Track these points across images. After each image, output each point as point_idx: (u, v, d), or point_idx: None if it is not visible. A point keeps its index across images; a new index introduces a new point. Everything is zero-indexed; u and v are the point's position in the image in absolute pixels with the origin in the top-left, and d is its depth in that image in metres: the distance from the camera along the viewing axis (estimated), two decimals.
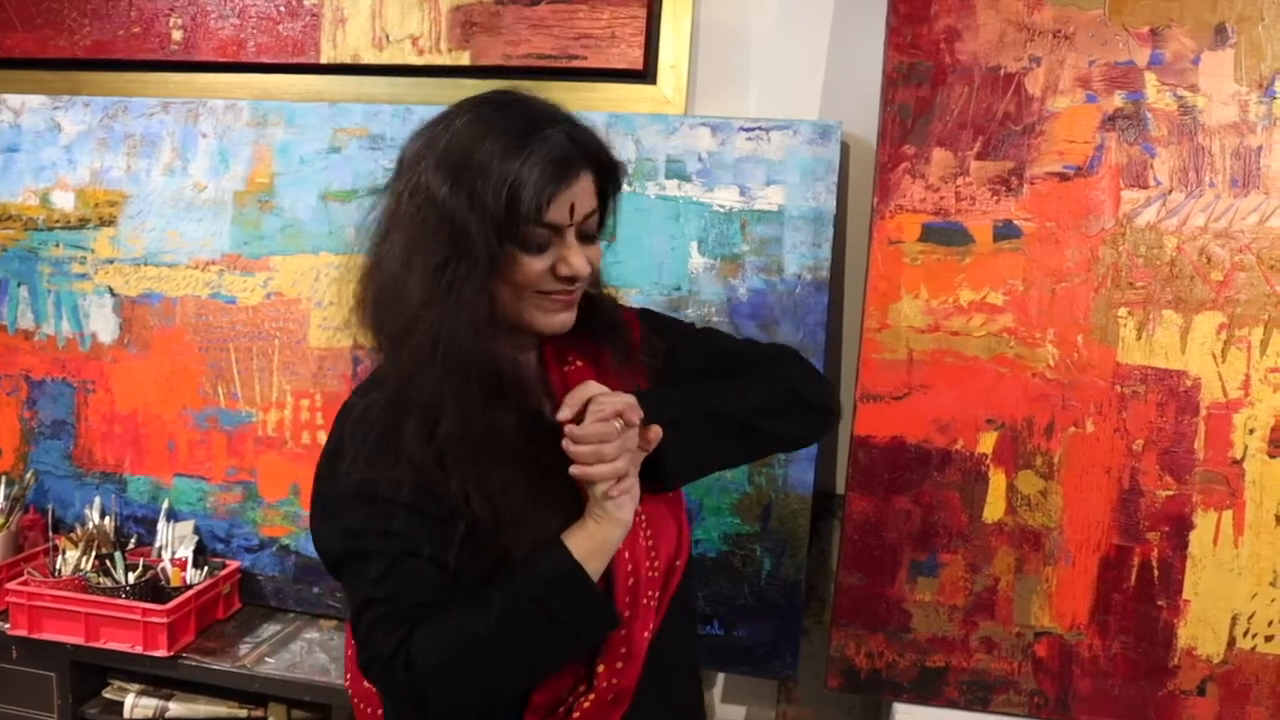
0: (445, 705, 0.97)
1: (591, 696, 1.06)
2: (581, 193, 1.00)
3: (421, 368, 0.95)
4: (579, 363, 1.13)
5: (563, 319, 1.04)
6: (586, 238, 1.04)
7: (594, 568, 0.99)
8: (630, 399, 0.99)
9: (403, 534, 0.96)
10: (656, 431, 1.02)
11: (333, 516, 1.00)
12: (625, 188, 1.11)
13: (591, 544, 0.99)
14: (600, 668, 1.06)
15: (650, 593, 1.10)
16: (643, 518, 1.10)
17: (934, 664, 1.65)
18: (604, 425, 0.97)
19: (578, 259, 0.99)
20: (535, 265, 0.99)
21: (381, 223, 1.00)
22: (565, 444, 0.98)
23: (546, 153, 0.95)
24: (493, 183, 0.93)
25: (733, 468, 1.14)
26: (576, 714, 1.06)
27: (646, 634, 1.09)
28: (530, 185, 0.94)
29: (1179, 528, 1.57)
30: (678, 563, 1.16)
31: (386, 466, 0.96)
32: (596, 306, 1.13)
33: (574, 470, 0.98)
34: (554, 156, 0.96)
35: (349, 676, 1.19)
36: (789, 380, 1.18)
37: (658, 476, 1.06)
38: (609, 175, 1.06)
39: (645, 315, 1.25)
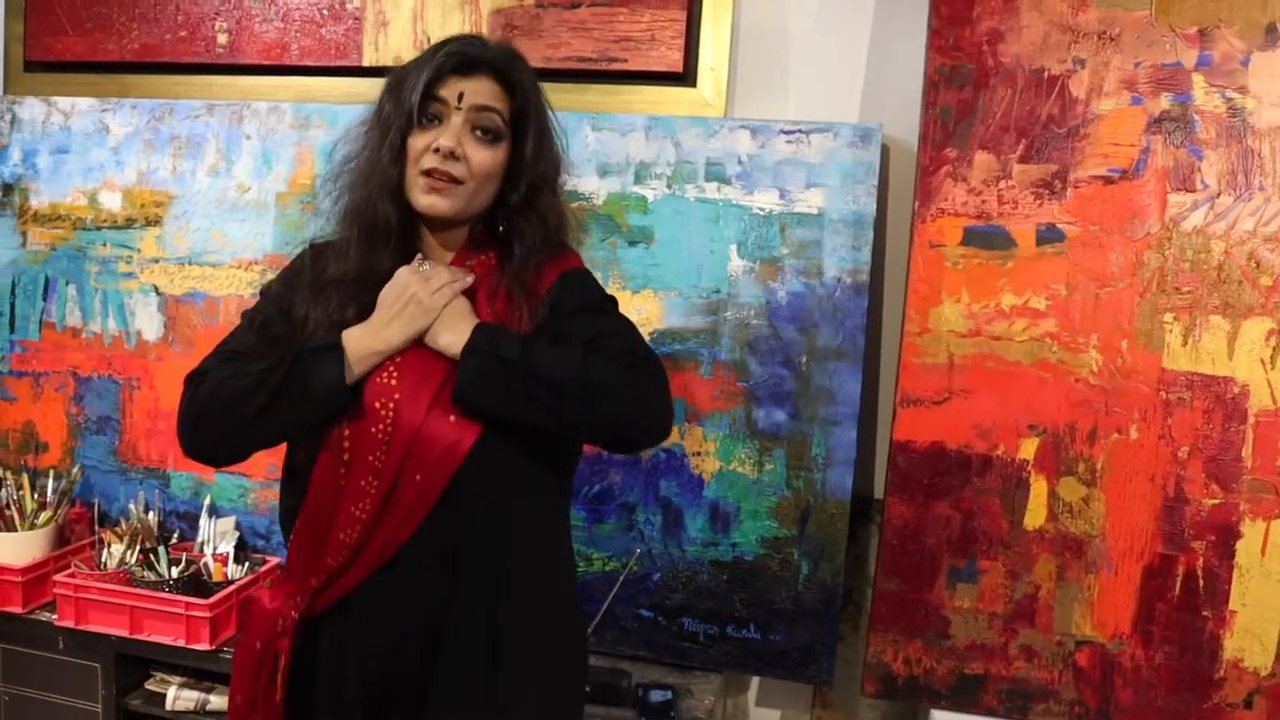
0: (191, 434, 1.15)
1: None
2: (477, 87, 1.14)
3: (338, 219, 1.21)
4: (474, 266, 1.21)
5: (430, 200, 1.14)
6: (484, 137, 1.15)
7: (355, 353, 1.11)
8: (465, 282, 1.15)
9: (264, 311, 1.21)
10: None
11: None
12: (663, 189, 1.16)
13: (355, 338, 1.12)
14: (310, 491, 1.15)
15: (369, 479, 1.11)
16: (392, 402, 1.11)
17: (973, 671, 1.64)
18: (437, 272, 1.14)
19: (449, 138, 1.12)
20: (420, 140, 1.13)
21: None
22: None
23: (447, 50, 1.14)
24: (407, 82, 1.14)
25: (525, 423, 1.12)
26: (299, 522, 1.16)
27: (356, 510, 1.11)
28: (427, 71, 1.13)
29: (1225, 537, 1.54)
30: (418, 478, 1.11)
31: (282, 279, 1.24)
32: (526, 254, 1.20)
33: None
34: (451, 51, 1.14)
35: None
36: (614, 375, 1.12)
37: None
38: (512, 88, 1.17)
39: (572, 276, 1.23)
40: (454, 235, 1.22)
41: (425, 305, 1.12)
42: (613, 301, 1.24)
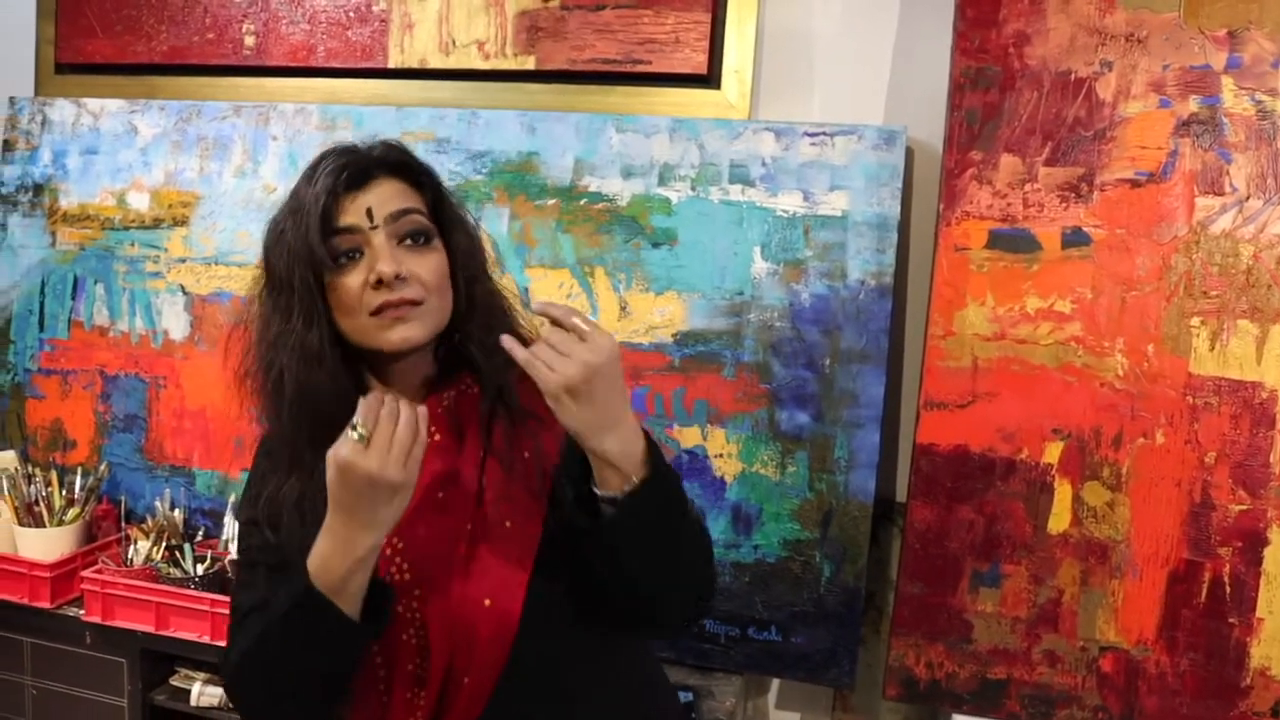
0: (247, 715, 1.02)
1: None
2: (382, 196, 0.99)
3: (270, 412, 1.02)
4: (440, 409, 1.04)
5: (400, 333, 0.97)
6: (414, 244, 1.00)
7: (337, 577, 0.89)
8: (420, 415, 0.91)
9: (255, 547, 1.03)
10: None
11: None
12: (687, 191, 1.10)
13: (323, 560, 0.90)
14: None
15: (414, 689, 0.98)
16: (415, 601, 0.98)
17: (995, 676, 1.63)
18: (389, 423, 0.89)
19: (386, 262, 0.96)
20: (350, 281, 0.97)
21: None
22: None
23: (328, 170, 0.98)
24: (292, 219, 0.98)
25: (628, 583, 0.96)
26: None
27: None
28: (313, 204, 0.96)
29: (1252, 543, 1.53)
30: (467, 680, 0.97)
31: (252, 498, 1.05)
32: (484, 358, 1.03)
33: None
34: (334, 168, 0.98)
35: None
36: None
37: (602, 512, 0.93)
38: (417, 178, 1.03)
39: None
40: (414, 371, 1.04)
41: (395, 482, 0.87)
42: None
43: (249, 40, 2.11)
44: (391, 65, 2.02)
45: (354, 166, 0.98)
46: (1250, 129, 1.51)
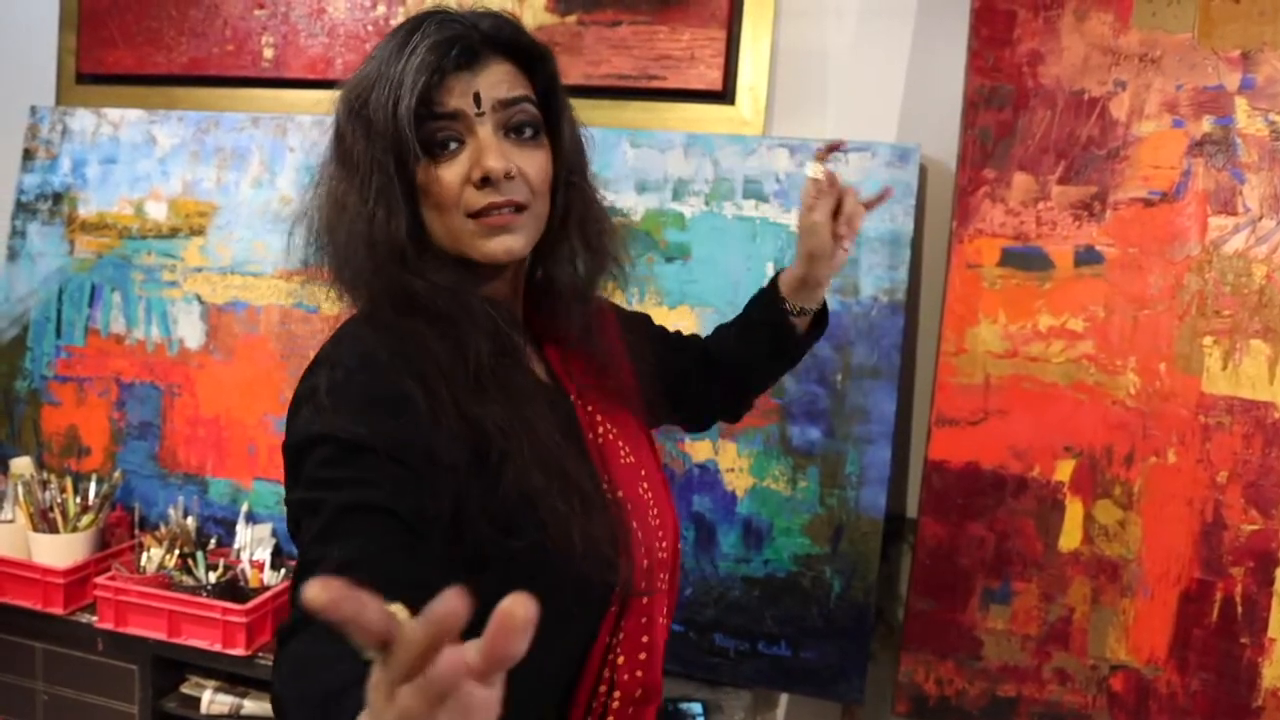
0: None
1: (618, 695, 0.93)
2: (492, 79, 0.86)
3: (376, 315, 0.87)
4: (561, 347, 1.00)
5: (501, 242, 0.87)
6: (519, 137, 0.88)
7: None
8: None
9: (370, 483, 0.77)
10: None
11: (296, 468, 0.81)
12: (701, 206, 1.12)
13: None
14: (620, 659, 0.92)
15: (662, 575, 0.99)
16: (649, 496, 0.99)
17: (1005, 693, 1.63)
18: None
19: (494, 157, 0.84)
20: (448, 173, 0.85)
21: (314, 173, 0.94)
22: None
23: (429, 43, 0.83)
24: (376, 92, 0.84)
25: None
26: (610, 717, 0.93)
27: (662, 619, 1.00)
28: (413, 76, 0.82)
29: (1264, 564, 1.53)
30: (678, 544, 1.07)
31: (360, 412, 0.80)
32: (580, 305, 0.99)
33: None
34: (438, 42, 0.83)
35: None
36: None
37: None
38: (532, 65, 0.91)
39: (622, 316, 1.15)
40: (504, 283, 0.94)
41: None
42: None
43: (268, 52, 2.13)
44: None
45: (463, 42, 0.84)
46: (1263, 149, 1.52)
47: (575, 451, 0.91)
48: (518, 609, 0.42)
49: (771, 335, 1.21)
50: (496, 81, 0.86)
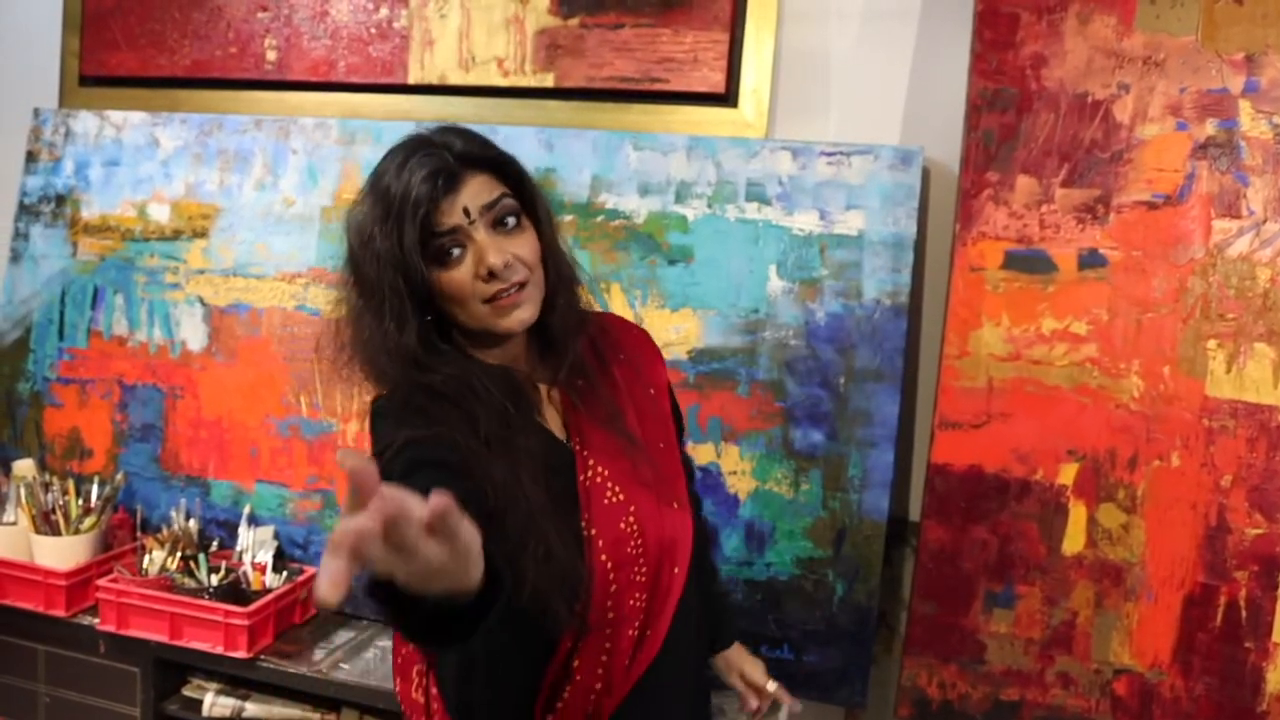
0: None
1: (571, 690, 1.09)
2: (473, 190, 1.04)
3: (411, 404, 1.05)
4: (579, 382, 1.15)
5: (515, 317, 1.06)
6: (504, 229, 1.06)
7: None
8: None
9: (419, 444, 1.00)
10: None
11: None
12: (704, 209, 1.15)
13: None
14: (576, 663, 1.07)
15: (635, 595, 1.10)
16: (633, 528, 1.10)
17: (1008, 697, 1.62)
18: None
19: (493, 254, 1.02)
20: (459, 275, 1.04)
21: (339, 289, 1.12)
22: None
23: (419, 176, 1.01)
24: (382, 226, 1.02)
25: None
26: (559, 704, 1.09)
27: (632, 632, 1.10)
28: (412, 208, 1.01)
29: (1269, 568, 1.52)
30: (676, 570, 1.13)
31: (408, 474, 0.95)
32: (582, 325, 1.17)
33: None
34: (426, 175, 1.01)
35: (398, 682, 1.20)
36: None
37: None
38: (500, 168, 1.08)
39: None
40: (516, 344, 1.14)
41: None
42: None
43: (271, 55, 2.13)
44: (411, 81, 2.04)
45: (445, 172, 1.02)
46: (1267, 152, 1.51)
47: (564, 496, 1.06)
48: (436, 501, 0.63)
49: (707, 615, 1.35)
50: (478, 191, 1.04)
